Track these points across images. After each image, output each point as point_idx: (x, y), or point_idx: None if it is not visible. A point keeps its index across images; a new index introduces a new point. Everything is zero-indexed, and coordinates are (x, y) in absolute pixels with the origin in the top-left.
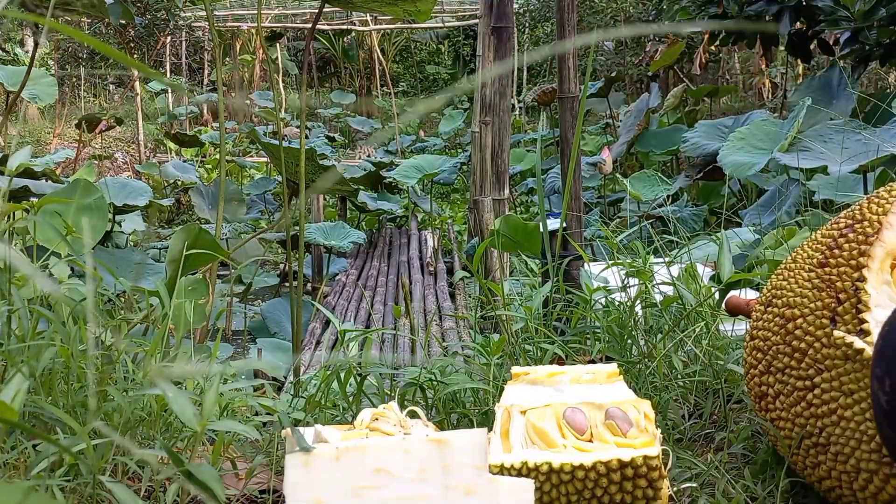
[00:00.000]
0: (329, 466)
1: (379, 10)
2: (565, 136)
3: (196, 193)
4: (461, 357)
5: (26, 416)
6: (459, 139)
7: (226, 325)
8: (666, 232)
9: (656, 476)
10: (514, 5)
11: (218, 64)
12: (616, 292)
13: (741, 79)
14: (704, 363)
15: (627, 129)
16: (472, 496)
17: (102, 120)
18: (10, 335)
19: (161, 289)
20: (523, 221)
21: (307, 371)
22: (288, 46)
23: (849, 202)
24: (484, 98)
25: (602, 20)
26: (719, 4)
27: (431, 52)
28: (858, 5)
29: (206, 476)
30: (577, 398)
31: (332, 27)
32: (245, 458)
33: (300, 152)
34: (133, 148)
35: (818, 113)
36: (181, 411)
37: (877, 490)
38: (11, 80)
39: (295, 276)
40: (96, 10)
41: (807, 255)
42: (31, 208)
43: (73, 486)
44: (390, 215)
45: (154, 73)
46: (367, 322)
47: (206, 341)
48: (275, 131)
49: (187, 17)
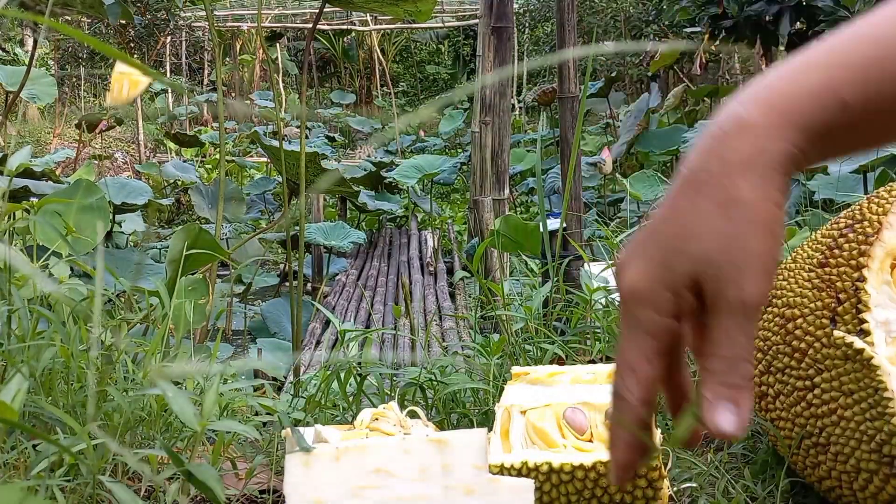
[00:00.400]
0: (329, 466)
1: (379, 10)
2: (565, 136)
3: (196, 193)
4: (461, 357)
5: (26, 416)
6: (459, 139)
7: (226, 325)
8: None
9: (656, 476)
10: (514, 5)
11: (218, 64)
12: (616, 292)
13: (741, 79)
14: None
15: (627, 129)
16: (472, 496)
17: (102, 120)
18: (10, 335)
19: (161, 289)
20: (523, 221)
21: (307, 371)
22: (288, 46)
23: (849, 202)
24: (484, 98)
25: (602, 20)
26: (719, 4)
27: (431, 52)
28: (858, 5)
29: (207, 476)
30: (577, 398)
31: (332, 27)
32: (245, 458)
33: (300, 153)
34: (133, 148)
35: None
36: (181, 411)
37: (877, 490)
38: (11, 80)
39: (295, 276)
40: (95, 11)
41: (807, 255)
42: (32, 208)
43: (73, 486)
44: (390, 215)
45: (154, 73)
46: (367, 322)
47: (206, 341)
48: (275, 131)
49: (187, 17)
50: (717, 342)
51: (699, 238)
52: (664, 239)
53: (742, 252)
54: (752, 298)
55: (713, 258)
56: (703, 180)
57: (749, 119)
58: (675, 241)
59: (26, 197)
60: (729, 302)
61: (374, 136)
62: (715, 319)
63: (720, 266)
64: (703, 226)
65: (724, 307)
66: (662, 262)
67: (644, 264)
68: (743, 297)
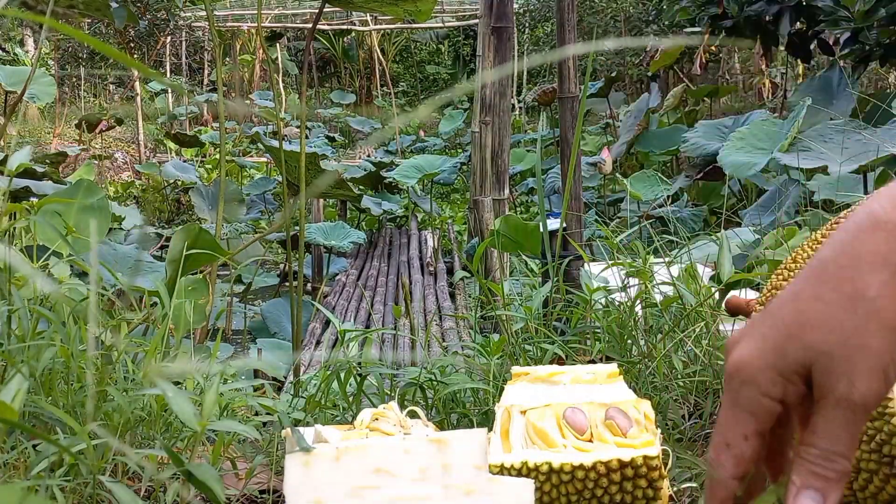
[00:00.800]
0: (329, 466)
1: (379, 10)
2: (565, 136)
3: (196, 193)
4: (461, 357)
5: (26, 416)
6: (459, 139)
7: (226, 325)
8: (666, 232)
9: (656, 476)
10: (514, 5)
11: (218, 64)
12: (616, 292)
13: (741, 79)
14: (704, 363)
15: (627, 129)
16: (472, 496)
17: (102, 120)
18: (10, 335)
19: (161, 289)
20: (523, 221)
21: (307, 371)
22: (288, 46)
23: (849, 202)
24: (484, 98)
25: (602, 20)
26: (719, 4)
27: (431, 52)
28: (858, 5)
29: (207, 476)
30: (577, 398)
31: (332, 27)
32: (245, 458)
33: (300, 153)
34: (133, 148)
35: (818, 113)
36: (181, 411)
37: (877, 490)
38: (11, 80)
39: (295, 276)
40: (101, 13)
41: (807, 256)
42: (33, 208)
43: (73, 486)
44: (390, 215)
45: (154, 73)
46: (367, 322)
47: (206, 341)
48: (275, 131)
49: (187, 17)
50: (818, 432)
51: (818, 327)
52: (781, 322)
53: (860, 348)
54: (861, 398)
55: (829, 349)
56: (831, 272)
57: (884, 216)
58: (791, 326)
59: (27, 197)
60: (837, 396)
61: (372, 135)
62: (820, 410)
63: (834, 358)
64: (824, 315)
65: (831, 400)
66: (776, 345)
67: (756, 344)
68: (852, 395)
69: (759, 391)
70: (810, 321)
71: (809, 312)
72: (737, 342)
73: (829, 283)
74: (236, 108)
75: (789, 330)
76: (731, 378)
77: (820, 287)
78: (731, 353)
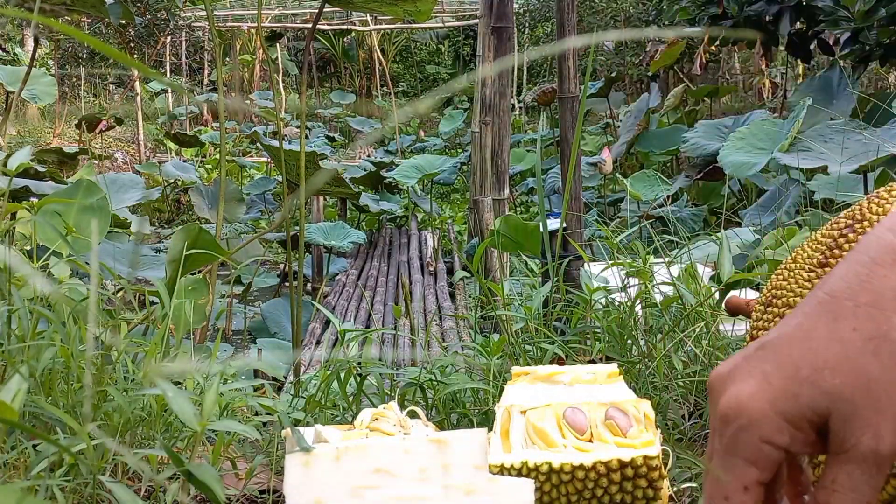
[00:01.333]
0: (329, 466)
1: (379, 10)
2: (565, 136)
3: (196, 193)
4: (461, 357)
5: (26, 416)
6: (459, 139)
7: (226, 325)
8: (666, 232)
9: (656, 476)
10: (514, 5)
11: (218, 64)
12: (616, 292)
13: (741, 79)
14: (704, 363)
15: (627, 129)
16: (472, 496)
17: (102, 120)
18: (10, 335)
19: (161, 289)
20: (523, 221)
21: (307, 371)
22: (288, 46)
23: (849, 202)
24: (484, 98)
25: (602, 20)
26: (719, 4)
27: (431, 52)
28: (858, 5)
29: (207, 476)
30: (577, 398)
31: (332, 27)
32: (245, 458)
33: (300, 153)
34: (133, 148)
35: (818, 113)
36: (181, 411)
37: None
38: (11, 80)
39: (295, 276)
40: (96, 10)
41: (807, 255)
42: (33, 208)
43: (73, 486)
44: (390, 215)
45: (154, 73)
46: (367, 322)
47: (206, 341)
48: (275, 131)
49: (187, 17)
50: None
51: (836, 370)
52: (789, 363)
53: (886, 394)
54: (888, 449)
55: (850, 396)
56: (847, 308)
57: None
58: (803, 368)
59: (27, 197)
60: (862, 451)
61: (369, 134)
62: (838, 462)
63: (857, 406)
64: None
65: (852, 453)
66: (786, 389)
67: (758, 385)
68: (878, 447)
69: (761, 438)
70: (828, 364)
71: (825, 354)
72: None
73: (847, 321)
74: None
75: (801, 372)
76: (728, 422)
77: (836, 325)
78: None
